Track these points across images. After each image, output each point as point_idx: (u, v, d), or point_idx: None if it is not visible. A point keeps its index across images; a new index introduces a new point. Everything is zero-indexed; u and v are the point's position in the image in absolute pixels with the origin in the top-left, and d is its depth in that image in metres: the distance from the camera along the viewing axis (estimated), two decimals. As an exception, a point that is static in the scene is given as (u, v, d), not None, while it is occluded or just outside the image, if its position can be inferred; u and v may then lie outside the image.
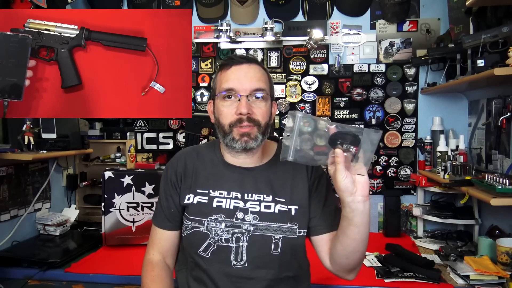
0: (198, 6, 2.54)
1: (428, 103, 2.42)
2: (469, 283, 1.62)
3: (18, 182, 2.10)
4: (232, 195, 1.17)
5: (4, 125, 1.99)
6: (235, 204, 1.16)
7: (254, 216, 1.14)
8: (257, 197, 1.17)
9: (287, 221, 1.15)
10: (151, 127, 2.65)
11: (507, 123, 1.80)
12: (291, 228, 1.15)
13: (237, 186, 1.18)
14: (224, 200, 1.17)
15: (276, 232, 1.14)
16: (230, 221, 1.14)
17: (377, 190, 2.47)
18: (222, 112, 1.14)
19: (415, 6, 2.41)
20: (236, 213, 1.15)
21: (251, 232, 1.13)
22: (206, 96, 2.59)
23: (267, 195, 1.17)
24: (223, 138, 1.16)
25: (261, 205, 1.16)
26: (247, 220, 1.14)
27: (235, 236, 1.13)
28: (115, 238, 2.06)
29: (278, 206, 1.16)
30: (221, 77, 1.16)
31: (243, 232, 1.13)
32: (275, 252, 1.13)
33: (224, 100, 1.14)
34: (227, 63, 1.16)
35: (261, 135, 1.13)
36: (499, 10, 1.74)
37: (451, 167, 1.94)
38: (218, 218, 1.15)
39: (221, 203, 1.16)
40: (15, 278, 1.77)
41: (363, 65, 2.46)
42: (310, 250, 1.24)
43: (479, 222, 2.10)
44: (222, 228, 1.14)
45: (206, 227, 1.15)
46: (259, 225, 1.14)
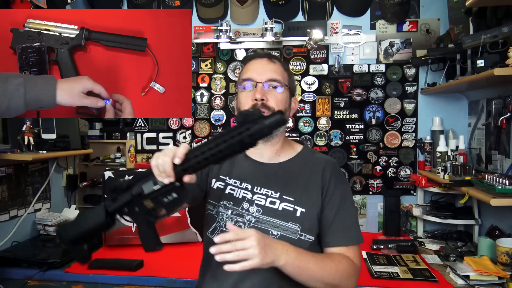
0: (198, 6, 2.54)
1: (428, 103, 2.42)
2: (469, 283, 1.62)
3: (18, 183, 2.09)
4: (243, 185, 1.21)
5: (4, 125, 1.98)
6: (244, 195, 1.20)
7: (257, 208, 1.18)
8: (265, 192, 1.20)
9: (289, 220, 1.16)
10: (151, 127, 2.65)
11: (507, 123, 1.81)
12: (292, 228, 1.16)
13: (250, 178, 1.22)
14: (236, 189, 1.22)
15: (275, 228, 1.15)
16: (236, 209, 1.19)
17: (377, 190, 2.47)
18: (241, 100, 1.22)
19: (415, 6, 2.41)
20: (243, 203, 1.19)
21: (252, 223, 1.17)
22: (206, 96, 2.59)
23: (275, 191, 1.19)
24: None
25: (267, 200, 1.19)
26: (250, 211, 1.18)
27: (237, 225, 1.17)
28: (115, 238, 2.06)
29: (283, 204, 1.18)
30: (243, 70, 1.26)
31: (245, 222, 1.17)
32: None
33: (243, 89, 1.22)
34: (250, 57, 1.27)
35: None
36: (499, 11, 1.74)
37: (451, 167, 1.94)
38: (227, 204, 1.20)
39: (233, 192, 1.21)
40: (15, 278, 1.77)
41: (363, 65, 2.46)
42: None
43: (479, 222, 2.10)
44: (228, 214, 1.19)
45: (216, 211, 1.21)
46: (260, 218, 1.17)
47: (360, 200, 2.48)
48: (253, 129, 0.84)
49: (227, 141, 0.86)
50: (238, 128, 0.86)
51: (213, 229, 1.20)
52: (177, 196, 0.95)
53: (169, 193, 0.96)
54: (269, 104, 1.17)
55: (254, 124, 0.84)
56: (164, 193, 0.96)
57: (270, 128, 0.84)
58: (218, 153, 0.87)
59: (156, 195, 0.97)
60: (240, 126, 0.86)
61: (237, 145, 0.86)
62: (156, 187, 0.96)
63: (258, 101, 1.16)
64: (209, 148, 0.88)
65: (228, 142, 0.86)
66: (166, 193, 0.96)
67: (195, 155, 0.90)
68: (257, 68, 1.21)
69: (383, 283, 1.67)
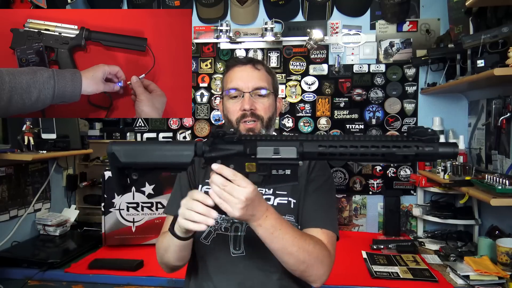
0: (198, 6, 2.54)
1: (428, 103, 2.42)
2: (469, 284, 1.62)
3: (18, 183, 2.09)
4: None
5: (4, 125, 1.98)
6: None
7: None
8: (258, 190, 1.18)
9: (286, 213, 1.15)
10: (151, 127, 2.65)
11: (507, 123, 1.81)
12: (290, 221, 1.15)
13: None
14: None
15: None
16: None
17: (377, 190, 2.47)
18: (229, 109, 1.23)
19: (415, 6, 2.41)
20: None
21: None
22: (206, 96, 2.59)
23: (268, 188, 1.19)
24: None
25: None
26: None
27: (234, 226, 1.17)
28: (115, 238, 2.05)
29: (278, 199, 1.18)
30: (227, 77, 1.26)
31: (242, 222, 1.15)
32: None
33: (230, 98, 1.23)
34: (232, 64, 1.27)
35: (265, 128, 1.21)
36: (499, 11, 1.74)
37: (451, 168, 1.94)
38: None
39: None
40: (15, 278, 1.77)
41: (363, 65, 2.46)
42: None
43: (479, 222, 2.10)
44: (223, 216, 1.15)
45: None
46: None
47: (360, 200, 2.48)
48: (423, 151, 0.77)
49: (387, 147, 0.79)
50: (407, 141, 0.79)
51: (207, 234, 1.18)
52: (289, 173, 0.86)
53: (285, 167, 0.86)
54: (258, 113, 1.20)
55: (427, 145, 0.78)
56: (280, 165, 0.86)
57: (440, 157, 0.78)
58: (369, 156, 0.80)
59: (269, 163, 0.87)
60: (410, 140, 0.79)
61: (395, 157, 0.79)
62: (276, 155, 0.86)
63: (247, 111, 1.19)
64: (362, 145, 0.80)
65: (388, 150, 0.79)
66: (281, 165, 0.86)
67: (343, 145, 0.82)
68: (242, 77, 1.22)
69: (383, 283, 1.67)
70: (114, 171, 0.92)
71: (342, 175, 2.48)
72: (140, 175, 0.91)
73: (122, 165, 0.89)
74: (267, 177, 0.88)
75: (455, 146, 0.78)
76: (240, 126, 1.20)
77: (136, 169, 0.91)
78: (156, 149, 0.90)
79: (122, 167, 0.90)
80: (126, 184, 0.93)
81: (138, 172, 0.91)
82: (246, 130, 1.19)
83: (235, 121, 1.21)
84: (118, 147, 0.90)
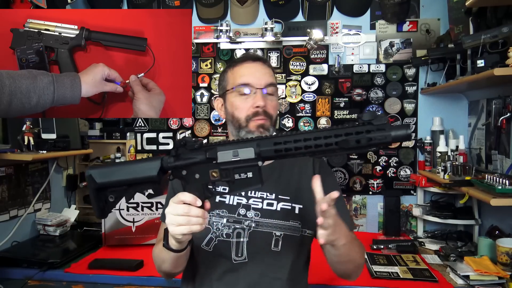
0: (198, 6, 2.54)
1: (428, 103, 2.42)
2: (469, 284, 1.62)
3: (18, 183, 2.09)
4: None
5: (4, 125, 1.98)
6: (238, 201, 1.18)
7: (256, 212, 1.16)
8: (260, 195, 1.18)
9: (290, 219, 1.16)
10: (151, 127, 2.65)
11: (507, 123, 1.80)
12: (293, 226, 1.16)
13: None
14: (227, 196, 1.19)
15: (278, 229, 1.15)
16: (232, 216, 1.16)
17: (377, 190, 2.47)
18: (238, 106, 1.17)
19: (415, 6, 2.41)
20: (239, 209, 1.17)
21: (252, 228, 1.15)
22: (206, 96, 2.59)
23: (270, 193, 1.19)
24: (237, 132, 1.18)
25: (264, 203, 1.17)
26: (248, 217, 1.16)
27: (236, 232, 1.15)
28: (115, 238, 2.05)
29: (281, 204, 1.18)
30: (234, 73, 1.21)
31: (244, 228, 1.15)
32: (275, 248, 1.14)
33: (239, 95, 1.18)
34: (241, 60, 1.22)
35: (272, 127, 1.19)
36: (499, 11, 1.74)
37: (451, 168, 1.94)
38: (220, 213, 1.17)
39: (224, 199, 1.19)
40: (15, 278, 1.77)
41: (363, 65, 2.46)
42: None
43: (479, 222, 2.10)
44: (224, 223, 1.16)
45: (209, 222, 1.16)
46: (260, 222, 1.15)
47: (360, 200, 2.48)
48: (375, 134, 0.77)
49: (339, 135, 0.79)
50: (358, 126, 0.79)
51: (208, 240, 1.15)
52: (251, 176, 0.87)
53: (246, 170, 0.87)
54: (268, 111, 1.16)
55: (378, 128, 0.78)
56: (240, 168, 0.87)
57: (394, 140, 0.78)
58: (324, 147, 0.80)
59: (230, 167, 0.88)
60: (361, 125, 0.79)
61: (348, 143, 0.78)
62: (235, 158, 0.87)
63: (260, 108, 1.15)
64: (315, 137, 0.81)
65: (340, 138, 0.79)
66: (242, 168, 0.87)
67: (297, 139, 0.82)
68: (254, 73, 1.18)
69: (383, 283, 1.67)
70: (92, 194, 0.96)
71: (342, 175, 2.48)
72: (116, 197, 0.96)
73: (98, 185, 0.94)
74: (231, 182, 0.89)
75: (407, 128, 0.78)
76: (250, 124, 1.15)
77: (112, 191, 0.96)
78: (127, 167, 0.96)
79: (99, 188, 0.95)
80: (104, 207, 0.97)
81: (114, 194, 0.96)
82: (256, 127, 1.15)
83: (245, 119, 1.16)
84: (94, 170, 0.96)
